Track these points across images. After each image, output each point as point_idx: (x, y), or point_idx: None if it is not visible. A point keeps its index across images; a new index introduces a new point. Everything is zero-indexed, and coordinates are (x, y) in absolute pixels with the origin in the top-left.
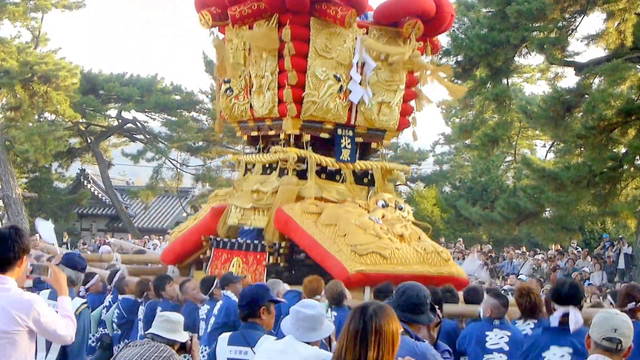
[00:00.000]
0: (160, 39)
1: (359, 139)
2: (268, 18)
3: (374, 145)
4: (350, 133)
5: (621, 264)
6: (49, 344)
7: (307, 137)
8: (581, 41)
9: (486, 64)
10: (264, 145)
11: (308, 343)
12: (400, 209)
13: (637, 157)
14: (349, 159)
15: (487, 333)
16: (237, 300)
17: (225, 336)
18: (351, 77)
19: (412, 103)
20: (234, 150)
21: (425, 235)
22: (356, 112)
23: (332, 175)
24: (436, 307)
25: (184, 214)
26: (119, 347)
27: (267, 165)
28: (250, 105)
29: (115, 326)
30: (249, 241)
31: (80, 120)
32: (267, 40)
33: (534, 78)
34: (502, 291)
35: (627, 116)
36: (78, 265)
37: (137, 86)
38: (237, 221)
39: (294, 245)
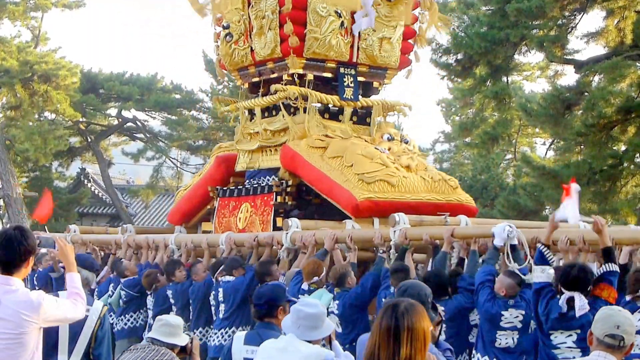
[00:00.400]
0: (160, 38)
1: (361, 78)
2: None
3: (375, 84)
4: (353, 72)
5: (622, 261)
6: (71, 347)
7: (310, 76)
8: (581, 39)
9: (486, 62)
10: (266, 91)
11: (309, 342)
12: (406, 142)
13: (637, 155)
14: (352, 97)
15: (502, 312)
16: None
17: (241, 335)
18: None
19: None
20: (234, 99)
21: (431, 167)
22: (358, 49)
23: (335, 116)
24: (437, 305)
25: None
26: (121, 321)
27: (271, 107)
28: (251, 48)
29: (121, 304)
30: (255, 184)
31: (81, 119)
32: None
33: (534, 76)
34: None
35: (627, 114)
36: (94, 266)
37: (137, 85)
38: (246, 165)
39: (301, 183)
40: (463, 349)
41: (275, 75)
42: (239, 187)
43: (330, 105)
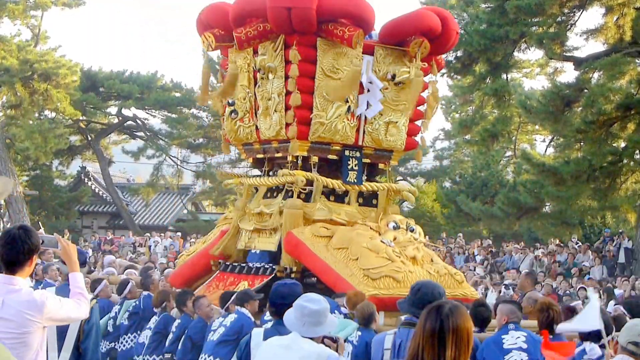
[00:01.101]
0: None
1: (366, 160)
2: (274, 39)
3: (381, 165)
4: (358, 154)
5: (621, 258)
6: (60, 344)
7: (314, 159)
8: (580, 36)
9: (485, 59)
10: (270, 168)
11: (312, 338)
12: (412, 230)
13: (637, 152)
14: (355, 180)
15: (503, 336)
16: (252, 319)
17: (259, 331)
18: (368, 90)
19: (419, 123)
20: (238, 174)
21: (438, 257)
22: (364, 132)
23: (341, 198)
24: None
25: (185, 211)
26: (125, 340)
27: (273, 188)
28: (256, 127)
29: (125, 320)
30: (259, 265)
31: (81, 118)
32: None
33: (533, 73)
34: (503, 286)
35: (626, 110)
36: (79, 258)
37: (137, 83)
38: (244, 244)
39: (305, 269)
40: None
41: (279, 154)
42: (242, 264)
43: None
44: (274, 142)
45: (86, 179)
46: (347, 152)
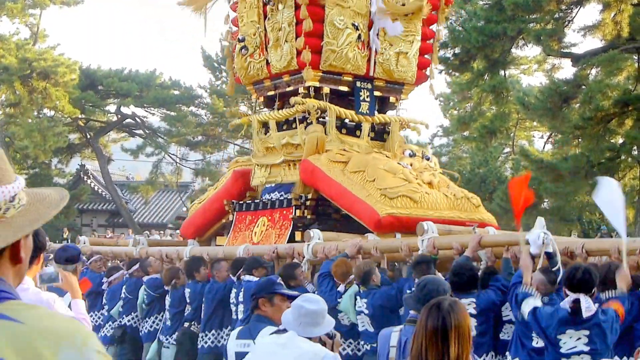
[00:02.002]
0: (159, 34)
1: (377, 93)
2: None
3: (392, 99)
4: (369, 86)
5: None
6: None
7: (326, 90)
8: (578, 32)
9: (483, 56)
10: (281, 105)
11: (309, 338)
12: (427, 159)
13: (635, 148)
14: (367, 112)
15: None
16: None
17: (236, 331)
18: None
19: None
20: (246, 113)
21: (454, 184)
22: (374, 63)
23: (351, 131)
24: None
25: (184, 209)
26: (146, 323)
27: (290, 120)
28: (267, 61)
29: (144, 306)
30: (274, 198)
31: (80, 116)
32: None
33: (531, 69)
34: None
35: (624, 107)
36: (73, 252)
37: (136, 81)
38: (265, 180)
39: (320, 197)
40: (492, 345)
41: (291, 88)
42: (255, 201)
43: (347, 120)
44: (285, 75)
45: (85, 177)
46: (358, 84)
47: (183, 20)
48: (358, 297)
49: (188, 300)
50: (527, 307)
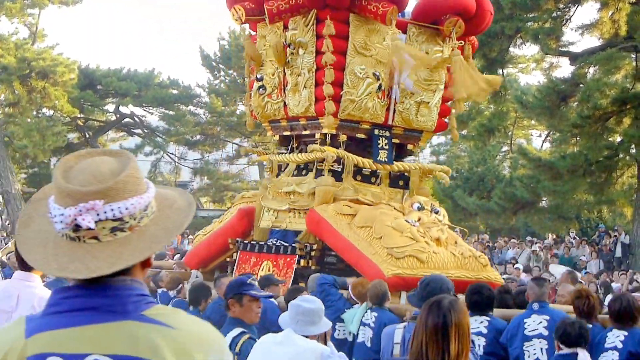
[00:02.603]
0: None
1: (395, 140)
2: (305, 14)
3: (409, 146)
4: (387, 134)
5: (618, 252)
6: None
7: (343, 137)
8: (575, 31)
9: (481, 55)
10: (297, 146)
11: (306, 337)
12: (436, 212)
13: (633, 146)
14: (386, 159)
15: (525, 320)
16: (274, 303)
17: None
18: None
19: (450, 104)
20: (263, 150)
21: (462, 240)
22: (394, 112)
23: (367, 178)
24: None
25: None
26: None
27: (301, 166)
28: (284, 103)
29: None
30: (279, 244)
31: (79, 116)
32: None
33: (529, 68)
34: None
35: (622, 105)
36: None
37: (135, 81)
38: (271, 224)
39: (325, 247)
40: None
41: (307, 132)
42: (260, 243)
43: (362, 167)
44: (302, 119)
45: None
46: (376, 132)
47: (182, 20)
48: (368, 311)
49: None
50: None
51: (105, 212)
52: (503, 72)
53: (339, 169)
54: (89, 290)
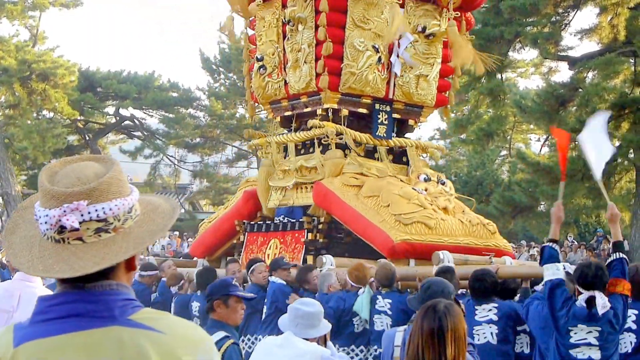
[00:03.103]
0: (158, 37)
1: (396, 115)
2: None
3: (410, 122)
4: (388, 108)
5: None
6: None
7: (345, 112)
8: (574, 35)
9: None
10: (298, 126)
11: (306, 339)
12: (443, 183)
13: (631, 151)
14: (385, 135)
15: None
16: (284, 283)
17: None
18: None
19: (449, 79)
20: (264, 133)
21: (469, 209)
22: (394, 85)
23: (371, 153)
24: (460, 301)
25: (182, 211)
26: None
27: (306, 144)
28: (285, 82)
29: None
30: (285, 220)
31: (79, 118)
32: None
33: (528, 73)
34: None
35: (620, 110)
36: None
37: (135, 83)
38: (279, 202)
39: (333, 221)
40: (513, 355)
41: (308, 109)
42: (267, 222)
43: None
44: (303, 96)
45: None
46: (377, 106)
47: (182, 22)
48: (379, 297)
49: (197, 314)
50: (549, 274)
51: (89, 213)
52: (502, 77)
53: (343, 145)
54: (75, 296)
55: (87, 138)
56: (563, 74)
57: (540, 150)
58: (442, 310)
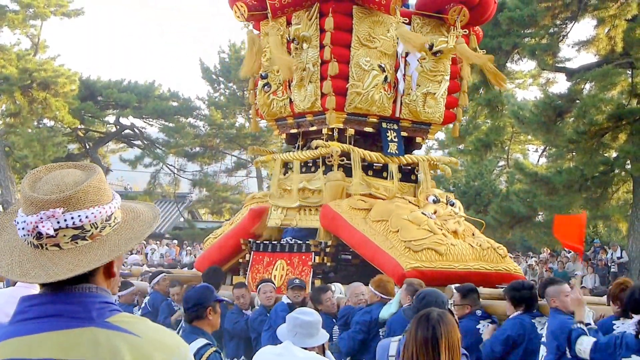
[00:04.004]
0: (158, 46)
1: (403, 133)
2: (308, 7)
3: (418, 139)
4: (395, 127)
5: (614, 267)
6: None
7: (351, 132)
8: (572, 47)
9: (478, 70)
10: (304, 143)
11: (304, 349)
12: (452, 204)
13: (628, 162)
14: (396, 152)
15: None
16: (285, 303)
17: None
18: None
19: (457, 95)
20: (270, 150)
21: (479, 232)
22: (401, 104)
23: (379, 173)
24: (453, 312)
25: (181, 219)
26: None
27: (309, 163)
28: (290, 100)
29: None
30: (292, 242)
31: (79, 126)
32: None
33: (526, 84)
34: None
35: (617, 121)
36: None
37: (135, 92)
38: (280, 222)
39: (340, 243)
40: None
41: (314, 128)
42: (273, 242)
43: (371, 162)
44: (309, 115)
45: None
46: (384, 125)
47: (182, 32)
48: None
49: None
50: (584, 345)
51: (65, 220)
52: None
53: (349, 164)
54: (54, 297)
55: (88, 147)
56: (560, 85)
57: (538, 161)
58: (435, 318)
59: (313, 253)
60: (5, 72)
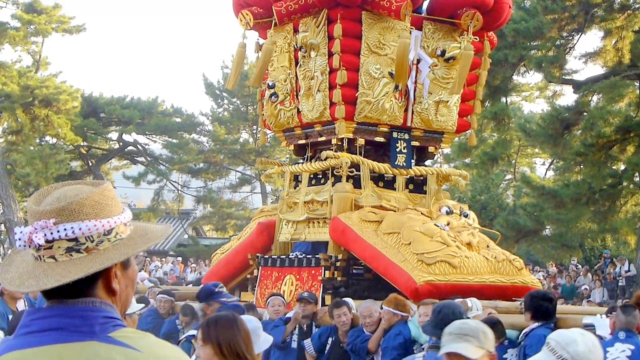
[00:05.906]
0: (161, 62)
1: (415, 143)
2: (316, 14)
3: (430, 149)
4: (406, 136)
5: (622, 281)
6: None
7: (361, 142)
8: (579, 59)
9: (485, 83)
10: (312, 154)
11: None
12: (466, 215)
13: (636, 174)
14: (404, 164)
15: (608, 349)
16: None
17: None
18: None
19: (471, 103)
20: (278, 162)
21: (494, 244)
22: (412, 113)
23: (389, 184)
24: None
25: (185, 236)
26: None
27: (319, 175)
28: (298, 110)
29: None
30: (301, 256)
31: (82, 144)
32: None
33: (533, 96)
34: None
35: (625, 133)
36: None
37: (138, 109)
38: (290, 236)
39: (351, 257)
40: None
41: (323, 138)
42: (282, 257)
43: (380, 173)
44: (317, 125)
45: None
46: (395, 134)
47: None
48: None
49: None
50: None
51: (58, 232)
52: (506, 100)
53: (359, 175)
54: (57, 311)
55: (90, 164)
56: (568, 97)
57: (545, 174)
58: None
59: (323, 267)
60: (7, 89)
